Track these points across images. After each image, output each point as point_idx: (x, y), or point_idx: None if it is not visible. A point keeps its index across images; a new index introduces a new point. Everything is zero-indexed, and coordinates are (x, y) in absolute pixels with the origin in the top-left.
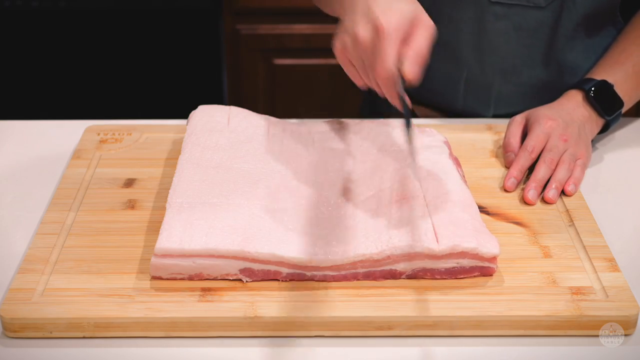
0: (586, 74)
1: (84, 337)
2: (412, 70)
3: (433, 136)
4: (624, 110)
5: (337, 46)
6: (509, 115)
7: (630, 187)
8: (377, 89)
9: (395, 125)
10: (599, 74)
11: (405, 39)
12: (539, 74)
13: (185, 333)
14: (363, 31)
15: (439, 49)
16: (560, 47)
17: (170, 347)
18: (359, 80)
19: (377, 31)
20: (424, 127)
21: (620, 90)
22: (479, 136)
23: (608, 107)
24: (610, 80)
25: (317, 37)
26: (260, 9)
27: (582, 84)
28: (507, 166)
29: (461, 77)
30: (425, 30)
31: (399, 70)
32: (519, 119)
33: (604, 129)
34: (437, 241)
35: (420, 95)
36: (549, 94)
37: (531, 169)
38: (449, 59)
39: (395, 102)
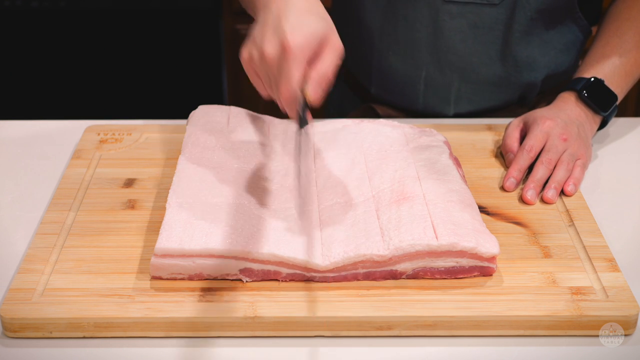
0: (544, 68)
1: (84, 337)
2: (314, 93)
3: (433, 136)
4: (617, 101)
5: (244, 56)
6: (471, 113)
7: (630, 187)
8: (279, 104)
9: (396, 126)
10: (587, 72)
11: (312, 59)
12: (496, 70)
13: (185, 333)
14: (270, 47)
15: (397, 48)
16: (516, 43)
17: (170, 347)
18: (264, 91)
19: (283, 49)
20: (424, 127)
21: (611, 83)
22: (479, 136)
23: (603, 104)
24: (599, 75)
25: None
26: None
27: (573, 85)
28: (508, 166)
29: (420, 77)
30: (332, 52)
31: (302, 91)
32: (516, 122)
33: (602, 125)
34: (437, 238)
35: (380, 95)
36: (508, 89)
37: (531, 168)
38: (407, 59)
39: (294, 119)
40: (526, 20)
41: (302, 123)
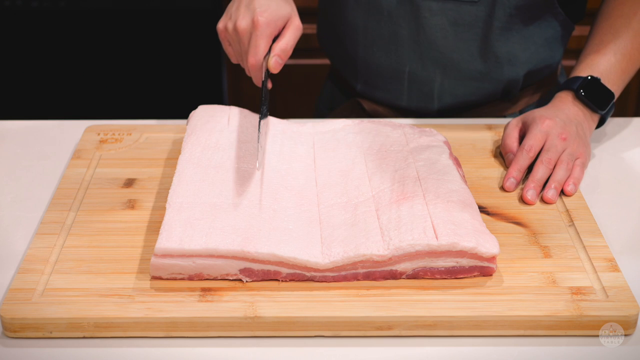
0: (525, 63)
1: (84, 337)
2: (275, 63)
3: (433, 136)
4: (614, 99)
5: (220, 27)
6: (455, 107)
7: (630, 187)
8: (246, 70)
9: (396, 126)
10: (583, 70)
11: (277, 35)
12: (477, 66)
13: (185, 333)
14: (243, 22)
15: (381, 44)
16: (496, 40)
17: (170, 347)
18: (233, 58)
19: (253, 24)
20: (424, 127)
21: (607, 81)
22: (479, 136)
23: (600, 102)
24: (595, 74)
25: None
26: None
27: (570, 84)
28: (508, 166)
29: (404, 72)
30: (293, 30)
31: (266, 60)
32: (515, 122)
33: (600, 123)
34: (437, 238)
35: (366, 91)
36: (489, 85)
37: (531, 168)
38: (391, 55)
39: (258, 83)
40: (505, 16)
41: (263, 86)
